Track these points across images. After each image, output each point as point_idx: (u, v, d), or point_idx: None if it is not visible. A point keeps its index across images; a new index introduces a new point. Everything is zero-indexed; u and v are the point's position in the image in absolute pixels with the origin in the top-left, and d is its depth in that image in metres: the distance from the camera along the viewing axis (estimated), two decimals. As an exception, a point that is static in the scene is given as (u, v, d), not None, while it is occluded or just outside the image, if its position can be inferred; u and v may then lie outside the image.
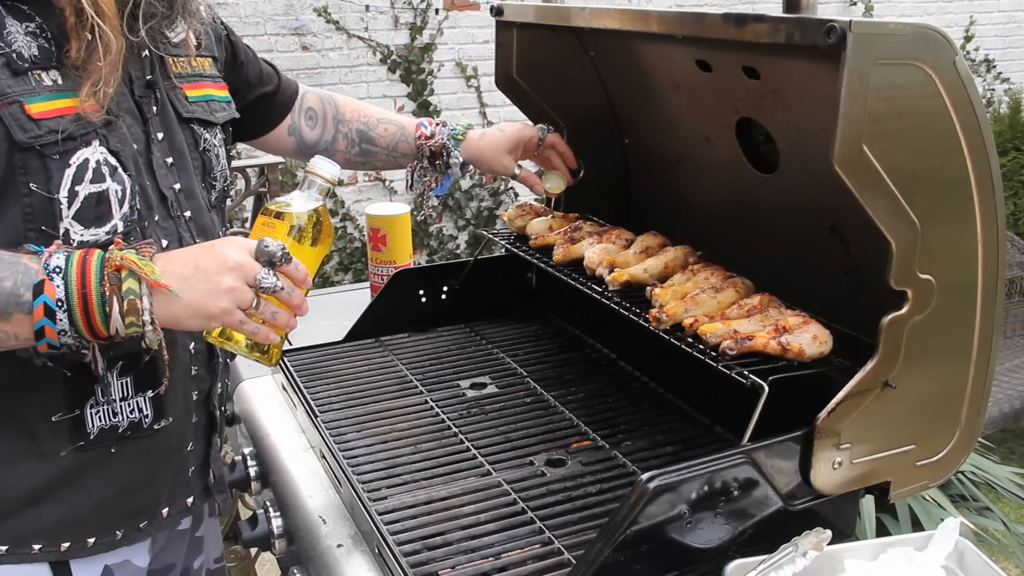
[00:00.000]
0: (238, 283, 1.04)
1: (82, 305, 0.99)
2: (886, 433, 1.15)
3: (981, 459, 2.72)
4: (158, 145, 1.19)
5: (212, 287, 1.03)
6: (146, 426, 1.20)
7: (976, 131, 1.05)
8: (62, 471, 1.15)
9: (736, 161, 1.41)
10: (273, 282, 1.05)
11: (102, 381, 1.15)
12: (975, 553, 1.12)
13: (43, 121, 1.03)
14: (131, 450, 1.20)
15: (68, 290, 0.99)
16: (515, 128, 1.65)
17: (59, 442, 1.14)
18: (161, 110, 1.21)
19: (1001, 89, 6.62)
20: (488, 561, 1.17)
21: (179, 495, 1.30)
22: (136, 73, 1.18)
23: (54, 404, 1.13)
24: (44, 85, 1.04)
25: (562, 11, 1.51)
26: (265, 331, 1.08)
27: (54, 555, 1.16)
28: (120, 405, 1.17)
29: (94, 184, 1.07)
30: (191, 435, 1.29)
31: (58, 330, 1.00)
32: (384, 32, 4.96)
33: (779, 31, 1.03)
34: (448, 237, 5.37)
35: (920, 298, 1.08)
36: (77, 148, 1.06)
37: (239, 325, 1.06)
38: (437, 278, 1.91)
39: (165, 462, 1.25)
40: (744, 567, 1.06)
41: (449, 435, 1.49)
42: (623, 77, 1.61)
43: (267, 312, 1.06)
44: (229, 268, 1.03)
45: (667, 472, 1.03)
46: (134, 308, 1.00)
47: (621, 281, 1.42)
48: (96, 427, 1.16)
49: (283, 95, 1.58)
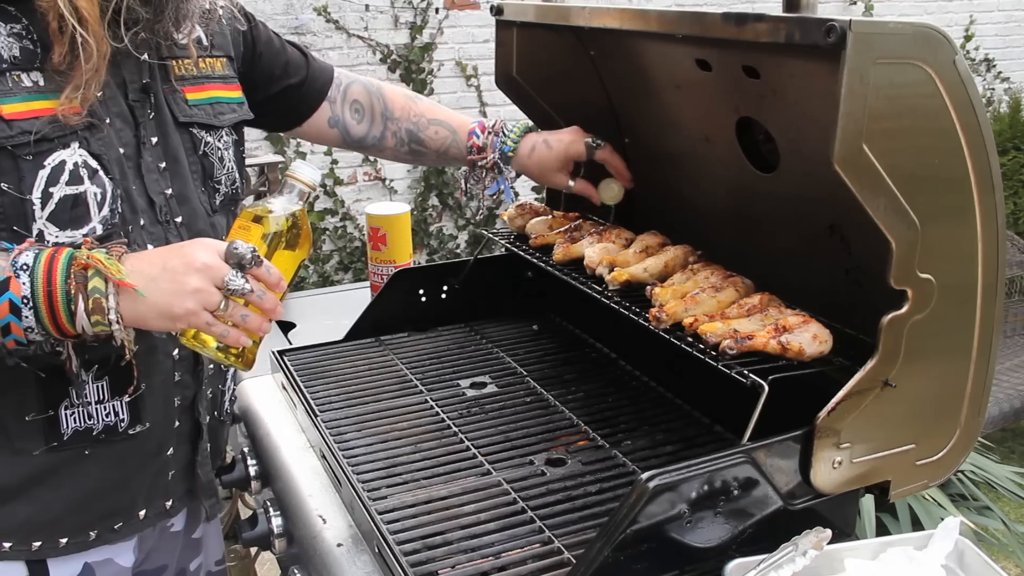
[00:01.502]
0: (205, 284, 1.02)
1: (47, 303, 0.99)
2: (886, 432, 1.15)
3: (981, 458, 2.73)
4: (150, 150, 1.17)
5: (178, 288, 1.02)
6: (121, 430, 1.19)
7: (976, 130, 1.05)
8: (35, 470, 1.15)
9: (736, 160, 1.40)
10: (241, 284, 1.04)
11: (76, 382, 1.14)
12: (975, 552, 1.12)
13: (15, 122, 1.03)
14: (105, 453, 1.19)
15: (34, 287, 0.99)
16: (562, 145, 1.60)
17: (32, 441, 1.14)
18: (157, 114, 1.19)
19: (1001, 88, 6.62)
20: (488, 560, 1.16)
21: (157, 498, 1.28)
22: (132, 77, 1.17)
23: (28, 404, 1.12)
24: (22, 86, 1.04)
25: (562, 10, 1.51)
26: (236, 334, 1.06)
27: (26, 554, 1.16)
28: (95, 408, 1.16)
29: (70, 186, 1.07)
30: (172, 440, 1.27)
31: (24, 327, 1.00)
32: (384, 31, 4.96)
33: (779, 30, 1.03)
34: (448, 236, 5.37)
35: (920, 297, 1.08)
36: (53, 150, 1.06)
37: (206, 327, 1.05)
38: (437, 277, 1.91)
39: (140, 466, 1.24)
40: (744, 566, 1.06)
41: (449, 434, 1.49)
42: (623, 76, 1.61)
43: (236, 315, 1.05)
44: (196, 269, 1.02)
45: (667, 471, 1.03)
46: (99, 307, 1.00)
47: (621, 280, 1.42)
48: (70, 428, 1.15)
49: (312, 85, 1.54)
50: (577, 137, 1.60)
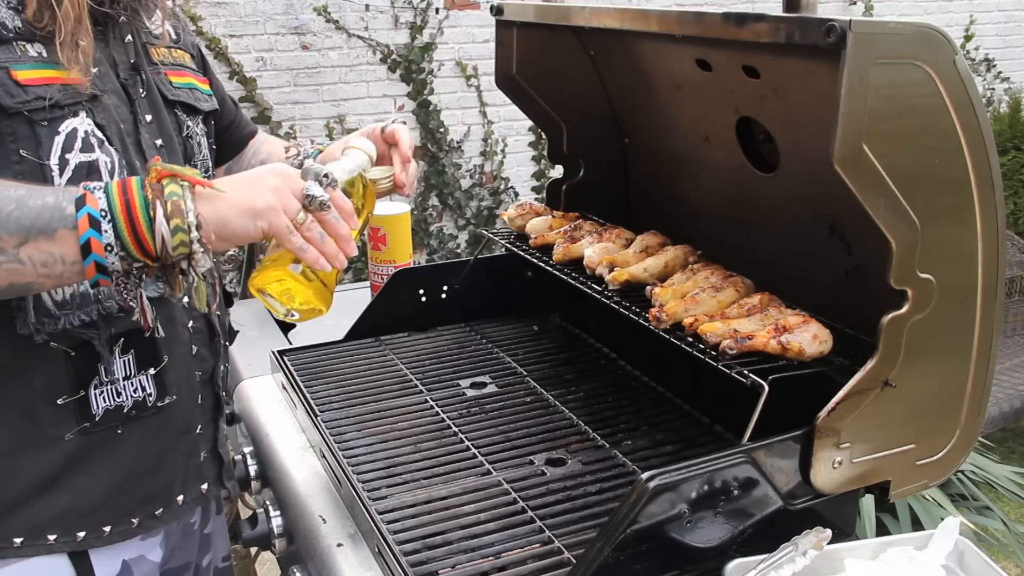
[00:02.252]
0: (283, 186, 1.02)
1: (125, 212, 0.96)
2: (886, 432, 1.15)
3: (981, 458, 2.72)
4: (146, 127, 1.18)
5: (256, 184, 1.02)
6: (150, 404, 1.19)
7: (976, 130, 1.05)
8: (68, 456, 1.14)
9: (736, 160, 1.40)
10: (320, 192, 1.03)
11: (106, 358, 1.13)
12: (975, 552, 1.12)
13: (30, 87, 1.03)
14: (137, 430, 1.19)
15: (110, 200, 0.97)
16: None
17: (64, 425, 1.13)
18: (148, 92, 1.20)
19: (1001, 88, 6.62)
20: (488, 560, 1.16)
21: (192, 481, 1.29)
22: (120, 57, 1.18)
23: (59, 386, 1.12)
24: (29, 55, 1.04)
25: (562, 10, 1.51)
26: (314, 253, 1.04)
27: (70, 545, 1.15)
28: (123, 384, 1.16)
29: (84, 153, 1.07)
30: (198, 417, 1.28)
31: (104, 243, 0.96)
32: (384, 31, 4.96)
33: (779, 30, 1.03)
34: (448, 236, 5.37)
35: (920, 297, 1.08)
36: (65, 117, 1.06)
37: (286, 233, 1.02)
38: (437, 277, 1.91)
39: (173, 443, 1.25)
40: (744, 566, 1.06)
41: (449, 434, 1.48)
42: (623, 76, 1.61)
43: (314, 231, 1.04)
44: (275, 173, 1.03)
45: (667, 471, 1.03)
46: (178, 209, 0.97)
47: (621, 280, 1.42)
48: (101, 408, 1.15)
49: (237, 132, 1.53)
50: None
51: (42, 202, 0.95)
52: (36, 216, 0.95)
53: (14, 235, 0.94)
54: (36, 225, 0.94)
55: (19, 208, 0.94)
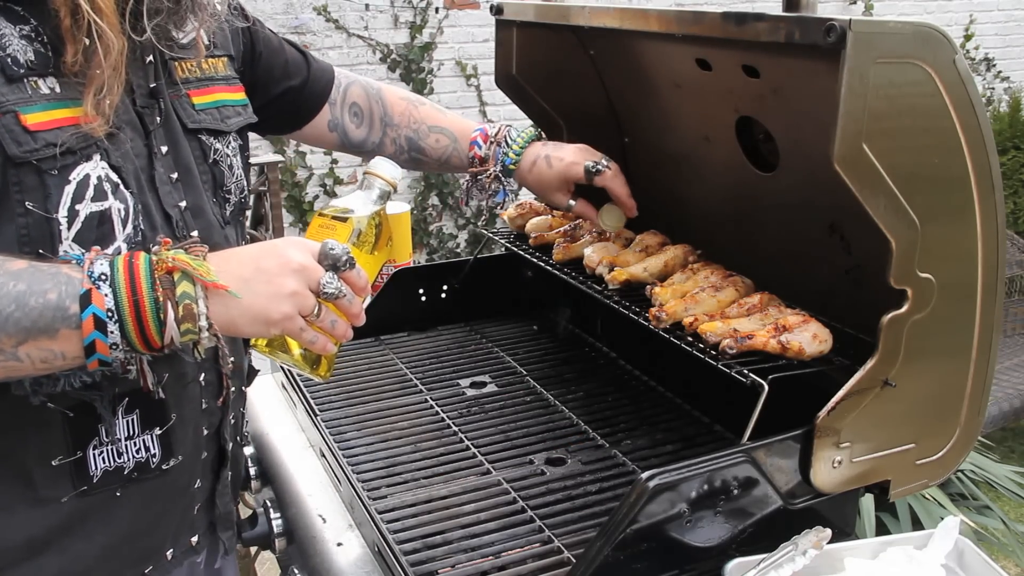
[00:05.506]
0: (301, 287, 0.96)
1: (134, 314, 0.90)
2: (886, 432, 1.15)
3: (981, 458, 2.72)
4: (161, 160, 1.08)
5: (275, 290, 0.94)
6: (154, 466, 1.10)
7: (976, 130, 1.05)
8: (63, 519, 1.06)
9: (736, 160, 1.40)
10: (337, 287, 0.98)
11: (108, 419, 1.05)
12: (975, 552, 1.12)
13: (40, 134, 0.93)
14: (137, 493, 1.10)
15: (118, 298, 0.90)
16: (562, 165, 1.51)
17: (60, 488, 1.04)
18: (165, 121, 1.10)
19: (1001, 88, 6.62)
20: (488, 560, 1.17)
21: (183, 535, 1.20)
22: (138, 81, 1.07)
23: (54, 446, 1.03)
24: (41, 93, 0.95)
25: (562, 10, 1.51)
26: (323, 341, 1.00)
27: None
28: (126, 444, 1.07)
29: (95, 202, 0.98)
30: (199, 472, 1.19)
31: (110, 343, 0.90)
32: (384, 31, 4.96)
33: (779, 30, 1.03)
34: (448, 236, 5.37)
35: (920, 297, 1.08)
36: (77, 163, 0.96)
37: (299, 333, 0.98)
38: (437, 277, 1.91)
39: (172, 502, 1.16)
40: (744, 566, 1.06)
41: (449, 434, 1.49)
42: (623, 76, 1.61)
43: (327, 321, 0.99)
44: (293, 270, 0.95)
45: (667, 471, 1.03)
46: (190, 313, 0.91)
47: (621, 280, 1.42)
48: (100, 469, 1.06)
49: (313, 87, 1.47)
50: (579, 158, 1.51)
51: (44, 300, 0.89)
52: (37, 317, 0.89)
53: (13, 336, 0.88)
54: (37, 326, 0.89)
55: (19, 308, 0.88)
